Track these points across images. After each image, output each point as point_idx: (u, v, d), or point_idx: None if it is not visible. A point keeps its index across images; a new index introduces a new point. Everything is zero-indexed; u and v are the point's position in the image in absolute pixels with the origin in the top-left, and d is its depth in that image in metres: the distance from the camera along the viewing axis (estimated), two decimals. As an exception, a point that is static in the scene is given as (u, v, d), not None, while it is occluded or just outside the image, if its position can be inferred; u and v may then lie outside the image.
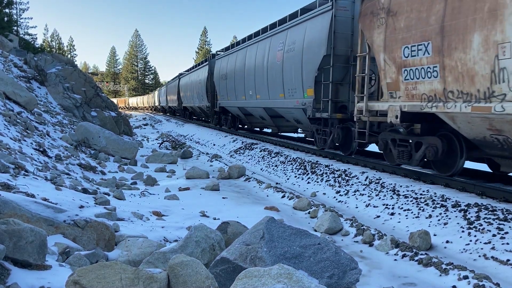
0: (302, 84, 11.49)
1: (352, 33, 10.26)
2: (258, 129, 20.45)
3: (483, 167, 8.52)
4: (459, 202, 6.29)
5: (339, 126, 10.56)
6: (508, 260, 4.64)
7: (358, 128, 9.39)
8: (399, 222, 6.46)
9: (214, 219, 6.19)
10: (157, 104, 57.23)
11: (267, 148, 13.85)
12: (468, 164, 8.16)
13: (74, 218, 4.22)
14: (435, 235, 5.63)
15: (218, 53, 22.80)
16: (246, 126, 20.47)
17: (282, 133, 18.26)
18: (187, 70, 32.00)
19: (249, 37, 16.93)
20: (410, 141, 8.15)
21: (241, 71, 17.07)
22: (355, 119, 9.39)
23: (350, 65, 10.43)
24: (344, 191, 8.39)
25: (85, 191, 6.78)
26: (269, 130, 19.59)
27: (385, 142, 8.75)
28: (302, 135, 17.07)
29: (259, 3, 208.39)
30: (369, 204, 7.46)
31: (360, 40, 9.10)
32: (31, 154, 8.07)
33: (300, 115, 12.28)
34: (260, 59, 14.89)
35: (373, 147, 12.01)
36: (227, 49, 20.72)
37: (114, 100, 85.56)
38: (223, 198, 7.84)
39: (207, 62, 24.18)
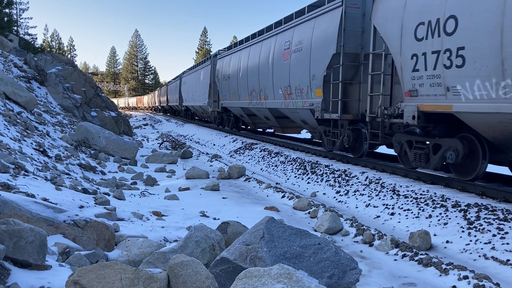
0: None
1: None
2: (261, 129, 20.39)
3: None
4: (459, 202, 6.29)
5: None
6: (508, 260, 4.64)
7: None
8: (399, 222, 6.46)
9: (214, 219, 6.19)
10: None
11: (267, 148, 13.85)
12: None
13: (74, 218, 4.22)
14: (435, 235, 5.63)
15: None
16: (249, 127, 20.31)
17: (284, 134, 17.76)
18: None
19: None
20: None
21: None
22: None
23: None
24: (344, 191, 8.39)
25: (85, 191, 6.78)
26: (271, 130, 19.76)
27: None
28: (302, 136, 17.29)
29: (259, 3, 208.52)
30: (369, 204, 7.46)
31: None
32: (31, 154, 8.07)
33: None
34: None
35: (381, 149, 12.01)
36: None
37: (133, 100, 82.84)
38: (223, 198, 7.84)
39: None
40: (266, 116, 15.53)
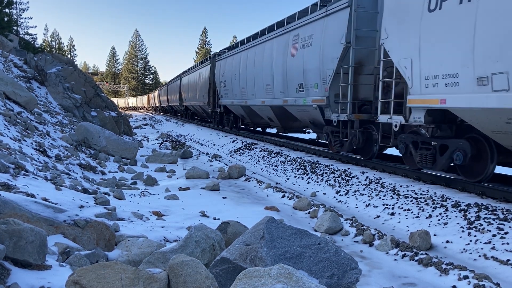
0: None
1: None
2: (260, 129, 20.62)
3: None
4: (459, 202, 6.29)
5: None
6: (508, 260, 4.64)
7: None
8: (399, 222, 6.46)
9: (214, 219, 6.19)
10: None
11: (267, 148, 13.85)
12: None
13: (74, 218, 4.22)
14: (435, 235, 5.63)
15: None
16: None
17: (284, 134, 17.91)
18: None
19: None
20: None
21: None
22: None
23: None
24: (344, 191, 8.39)
25: (85, 191, 6.78)
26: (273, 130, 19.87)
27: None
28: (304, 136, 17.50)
29: (259, 3, 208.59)
30: (369, 204, 7.46)
31: None
32: (31, 154, 8.07)
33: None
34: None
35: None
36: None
37: (144, 98, 76.80)
38: (223, 198, 7.84)
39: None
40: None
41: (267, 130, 20.77)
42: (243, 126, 21.16)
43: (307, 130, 16.39)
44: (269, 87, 14.51)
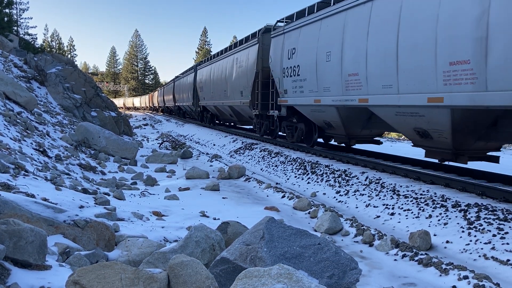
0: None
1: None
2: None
3: (483, 167, 8.53)
4: (459, 202, 6.29)
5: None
6: (508, 260, 4.64)
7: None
8: (399, 222, 6.46)
9: (214, 219, 6.19)
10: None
11: (267, 148, 13.85)
12: (471, 165, 8.22)
13: (74, 218, 4.22)
14: (435, 235, 5.63)
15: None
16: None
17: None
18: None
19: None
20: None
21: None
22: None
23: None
24: (344, 191, 8.38)
25: (85, 191, 6.78)
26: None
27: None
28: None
29: (259, 3, 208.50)
30: (369, 204, 7.46)
31: None
32: (31, 154, 8.07)
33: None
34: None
35: (372, 147, 11.98)
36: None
37: (148, 98, 73.38)
38: (223, 198, 7.84)
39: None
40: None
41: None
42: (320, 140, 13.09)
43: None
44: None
